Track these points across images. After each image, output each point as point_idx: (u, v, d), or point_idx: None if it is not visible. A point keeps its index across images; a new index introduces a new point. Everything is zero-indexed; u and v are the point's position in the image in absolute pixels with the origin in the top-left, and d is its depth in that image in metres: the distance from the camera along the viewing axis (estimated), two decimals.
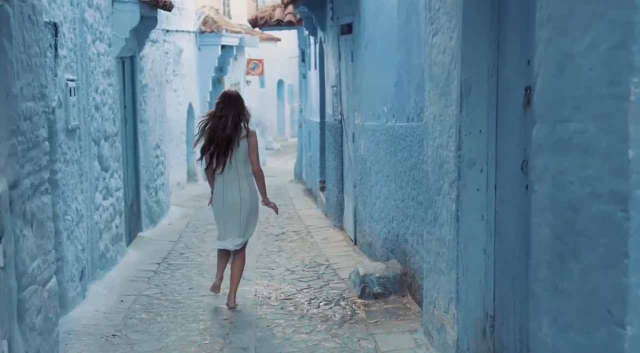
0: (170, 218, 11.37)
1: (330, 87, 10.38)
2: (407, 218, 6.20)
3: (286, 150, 25.47)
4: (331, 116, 10.34)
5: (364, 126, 7.93)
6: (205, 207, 13.22)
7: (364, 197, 8.08)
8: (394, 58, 6.53)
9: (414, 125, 5.94)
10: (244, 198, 6.25)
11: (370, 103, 7.55)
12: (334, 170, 10.21)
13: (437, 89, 4.76)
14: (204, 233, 10.27)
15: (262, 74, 22.32)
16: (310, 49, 13.36)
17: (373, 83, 7.43)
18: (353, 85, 8.54)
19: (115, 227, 8.05)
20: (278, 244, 9.33)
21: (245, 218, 6.32)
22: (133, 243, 9.21)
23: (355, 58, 8.38)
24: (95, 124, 7.30)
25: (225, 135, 6.10)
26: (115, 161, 8.16)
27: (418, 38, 5.76)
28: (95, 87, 7.33)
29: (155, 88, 11.02)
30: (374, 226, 7.58)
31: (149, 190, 10.32)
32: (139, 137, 9.83)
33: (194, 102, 16.73)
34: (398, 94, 6.44)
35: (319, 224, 10.56)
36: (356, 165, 8.47)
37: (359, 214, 8.43)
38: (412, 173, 6.03)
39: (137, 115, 9.79)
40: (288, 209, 12.32)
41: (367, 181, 7.84)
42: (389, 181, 6.84)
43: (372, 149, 7.54)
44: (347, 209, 9.32)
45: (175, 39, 15.24)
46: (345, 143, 9.40)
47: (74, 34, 6.49)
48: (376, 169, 7.37)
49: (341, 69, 9.46)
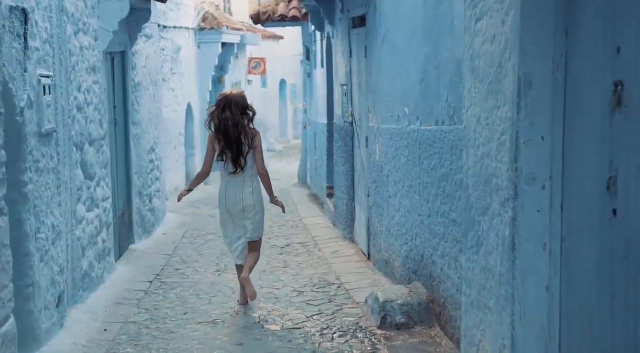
0: (166, 228, 10.48)
1: (339, 87, 9.48)
2: (436, 237, 5.31)
3: (289, 152, 24.57)
4: (340, 118, 9.44)
5: (380, 129, 7.04)
6: (204, 214, 12.37)
7: (379, 208, 7.19)
8: (419, 52, 5.64)
9: (445, 130, 5.04)
10: (246, 197, 6.17)
11: (388, 104, 6.66)
12: (343, 177, 9.32)
13: (483, 85, 3.86)
14: (202, 245, 9.38)
15: (265, 73, 21.42)
16: (316, 46, 12.47)
17: (392, 81, 6.54)
18: (367, 84, 7.65)
19: (101, 241, 7.16)
20: (283, 258, 8.44)
21: (251, 218, 6.24)
22: (124, 257, 8.31)
23: (369, 54, 7.48)
24: (78, 127, 6.41)
25: (236, 135, 6.04)
26: (102, 168, 7.27)
27: (451, 26, 4.87)
28: (78, 85, 6.44)
29: (150, 87, 10.13)
30: (392, 242, 6.69)
31: (142, 198, 9.43)
32: (130, 140, 8.93)
33: (193, 102, 15.84)
34: (424, 93, 5.54)
35: (327, 235, 9.67)
36: (370, 172, 7.58)
37: (373, 227, 7.53)
38: (442, 185, 5.14)
39: (129, 117, 8.90)
40: (293, 217, 11.42)
41: (384, 191, 6.95)
42: (411, 192, 5.95)
43: (390, 155, 6.65)
44: (359, 220, 8.43)
45: (173, 35, 14.35)
46: (357, 147, 8.51)
47: (49, 23, 5.59)
48: (395, 177, 6.48)
49: (352, 67, 8.57)
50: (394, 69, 6.44)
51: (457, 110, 4.79)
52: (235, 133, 6.03)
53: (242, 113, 6.07)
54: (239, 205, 6.18)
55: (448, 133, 4.96)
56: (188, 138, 15.67)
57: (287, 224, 10.78)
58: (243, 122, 6.07)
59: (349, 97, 8.77)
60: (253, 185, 6.20)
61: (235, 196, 6.17)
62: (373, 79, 7.31)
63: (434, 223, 5.35)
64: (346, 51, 8.83)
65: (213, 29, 16.06)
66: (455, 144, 4.81)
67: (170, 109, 14.20)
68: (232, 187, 6.18)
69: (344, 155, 9.26)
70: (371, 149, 7.51)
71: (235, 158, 6.08)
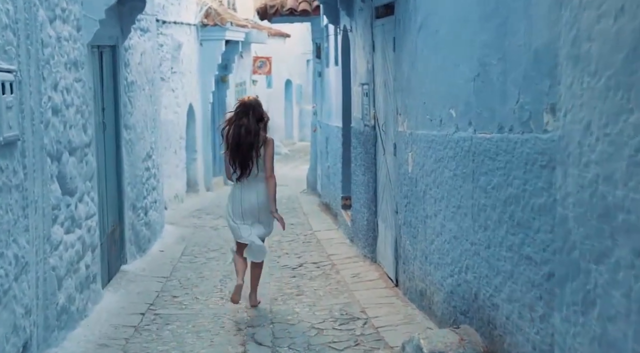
0: (164, 243, 9.31)
1: (358, 86, 8.33)
2: (498, 275, 4.15)
3: (295, 155, 23.41)
4: (360, 121, 8.29)
5: (413, 135, 5.88)
6: (205, 225, 11.20)
7: (412, 229, 6.03)
8: (474, 40, 4.48)
9: (514, 138, 3.88)
10: (260, 203, 6.19)
11: (426, 105, 5.51)
12: (363, 187, 8.16)
13: (598, 79, 2.70)
14: (202, 264, 8.22)
15: (270, 73, 20.28)
16: (328, 41, 11.31)
17: (432, 78, 5.38)
18: (395, 82, 6.49)
19: (84, 267, 6.00)
20: (296, 282, 7.28)
21: (264, 218, 6.26)
22: (113, 281, 7.16)
23: (399, 46, 6.33)
24: (54, 133, 5.26)
25: (247, 142, 6.06)
26: (86, 180, 6.12)
27: (526, 4, 3.71)
28: (54, 82, 5.28)
29: (146, 86, 8.98)
30: (430, 270, 5.53)
31: (136, 211, 8.28)
32: (122, 146, 7.78)
33: (194, 103, 14.69)
34: (480, 92, 4.38)
35: (345, 253, 8.50)
36: (399, 185, 6.42)
37: (403, 249, 6.37)
38: (508, 209, 3.97)
39: (121, 120, 7.74)
40: (304, 230, 10.26)
41: (419, 209, 5.79)
42: (460, 215, 4.78)
43: (427, 166, 5.50)
44: (384, 239, 7.27)
45: (173, 31, 13.21)
46: (380, 155, 7.35)
47: (11, 4, 4.44)
48: (435, 194, 5.32)
49: (375, 63, 7.41)
50: (435, 63, 5.28)
51: (535, 113, 3.63)
52: (247, 140, 6.05)
53: (258, 120, 6.09)
54: (248, 209, 6.18)
55: (519, 143, 3.80)
56: (189, 141, 14.52)
57: (297, 239, 9.62)
58: (258, 129, 6.08)
59: (371, 98, 7.62)
60: (265, 192, 6.17)
61: (246, 203, 6.18)
62: (404, 75, 6.15)
63: (495, 256, 4.18)
64: (368, 45, 7.67)
65: (216, 25, 14.91)
66: (532, 157, 3.65)
67: (170, 111, 13.05)
68: (244, 192, 6.18)
69: (363, 163, 8.11)
70: (401, 157, 6.36)
71: (242, 164, 6.09)
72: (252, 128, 6.04)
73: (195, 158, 14.84)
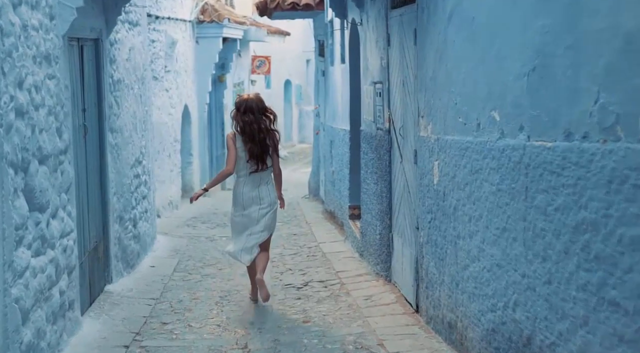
0: (155, 256, 8.43)
1: (369, 85, 7.46)
2: (564, 319, 3.28)
3: (294, 158, 22.56)
4: (371, 124, 7.43)
5: (440, 141, 5.02)
6: (201, 235, 10.31)
7: (438, 249, 5.16)
8: (528, 26, 3.61)
9: (590, 149, 3.01)
10: (263, 195, 6.31)
11: (458, 106, 4.64)
12: (375, 198, 7.30)
13: None
14: (197, 282, 7.34)
15: (269, 73, 19.40)
16: (333, 38, 10.45)
17: (467, 73, 4.51)
18: (417, 80, 5.63)
19: (58, 293, 5.12)
20: (302, 306, 6.40)
21: (265, 214, 6.32)
22: (95, 305, 6.29)
23: (422, 39, 5.47)
24: (18, 139, 4.38)
25: (262, 138, 6.20)
26: (61, 192, 5.25)
27: None
28: (18, 79, 4.40)
29: (135, 85, 8.11)
30: (462, 300, 4.66)
31: (123, 223, 7.40)
32: (107, 152, 6.90)
33: (190, 104, 13.82)
34: (539, 90, 3.51)
35: (354, 269, 7.63)
36: (422, 198, 5.56)
37: (426, 271, 5.51)
38: (581, 238, 3.10)
39: (105, 122, 6.87)
40: (308, 241, 9.40)
41: (448, 227, 4.92)
42: (506, 239, 3.92)
43: (460, 178, 4.63)
44: (401, 256, 6.41)
45: (167, 27, 12.34)
46: (396, 162, 6.49)
47: None
48: (470, 211, 4.46)
49: (391, 59, 6.55)
50: (471, 57, 4.41)
51: (626, 116, 2.77)
52: (260, 135, 6.17)
53: (262, 115, 6.21)
54: (255, 201, 6.28)
55: (599, 155, 2.93)
56: (185, 144, 13.64)
57: (301, 251, 8.75)
58: (265, 123, 6.22)
59: (385, 98, 6.76)
60: (269, 184, 6.37)
61: (252, 192, 6.28)
62: (428, 72, 5.29)
63: (559, 295, 3.31)
64: (382, 39, 6.81)
65: (213, 21, 14.05)
66: (620, 174, 2.79)
67: (164, 112, 12.18)
68: (250, 185, 6.30)
69: (376, 170, 7.24)
70: (423, 167, 5.49)
71: (259, 158, 6.21)
72: (259, 123, 6.16)
73: (190, 162, 13.97)
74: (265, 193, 6.30)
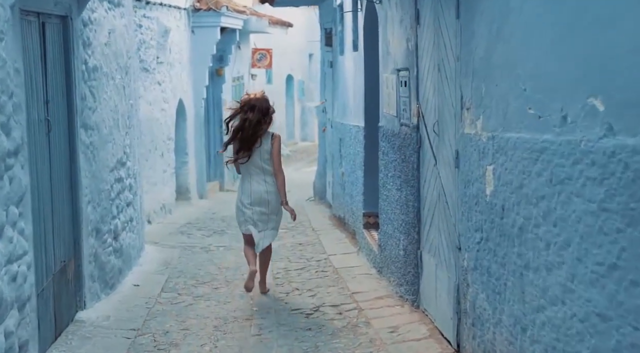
0: (141, 272, 7.22)
1: (391, 73, 6.25)
2: None
3: (296, 157, 21.38)
4: (393, 119, 6.22)
5: (498, 140, 3.81)
6: (195, 245, 9.03)
7: (493, 279, 3.95)
8: None
9: None
10: (269, 195, 6.21)
11: (528, 92, 3.42)
12: (398, 206, 6.10)
13: None
14: (188, 306, 6.13)
15: (270, 66, 18.15)
16: (343, 23, 9.24)
17: (544, 48, 3.28)
18: (461, 63, 4.41)
19: (3, 336, 3.93)
20: (313, 339, 5.18)
21: (270, 212, 6.26)
22: (62, 339, 5.08)
23: (469, 9, 4.25)
24: None
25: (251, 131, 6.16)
26: (9, 205, 4.05)
27: None
28: None
29: (117, 75, 6.89)
30: (532, 351, 3.44)
31: (100, 236, 6.19)
32: (79, 153, 5.69)
33: (185, 99, 12.60)
34: None
35: (372, 290, 6.41)
36: (468, 211, 4.35)
37: (473, 303, 4.30)
38: None
39: (76, 117, 5.66)
40: (315, 253, 8.19)
41: (509, 252, 3.71)
42: (618, 279, 2.70)
43: (530, 189, 3.42)
44: (434, 280, 5.20)
45: (159, 14, 11.12)
46: (428, 165, 5.28)
47: None
48: (547, 235, 3.24)
49: (421, 40, 5.34)
50: (553, 24, 3.19)
51: None
52: (249, 132, 6.14)
53: (264, 115, 6.17)
54: (257, 200, 6.21)
55: None
56: (179, 143, 12.42)
57: (309, 266, 7.54)
58: (263, 121, 6.17)
59: (413, 88, 5.55)
60: (272, 185, 6.25)
61: (254, 193, 6.22)
62: (478, 51, 4.08)
63: None
64: (408, 17, 5.61)
65: (210, 9, 12.84)
66: None
67: (156, 107, 10.97)
68: (253, 184, 6.23)
69: (399, 174, 6.04)
70: (469, 172, 4.28)
71: (245, 151, 6.18)
72: (254, 119, 6.12)
73: (186, 161, 12.75)
74: (268, 195, 6.21)
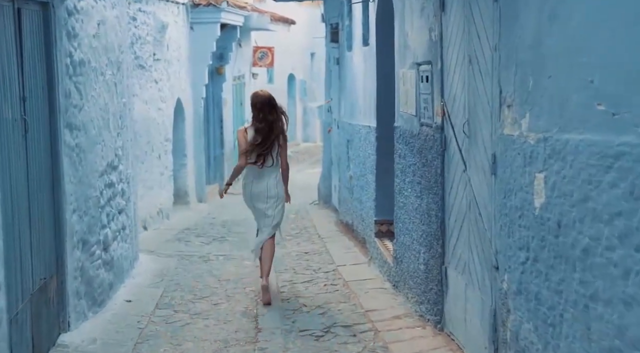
0: (134, 285, 6.58)
1: (410, 68, 5.62)
2: None
3: (298, 158, 20.71)
4: (412, 118, 5.58)
5: (552, 143, 3.17)
6: (194, 254, 8.39)
7: (545, 309, 3.31)
8: None
9: None
10: (270, 189, 6.28)
11: (596, 84, 2.78)
12: (418, 215, 5.46)
13: None
14: (185, 325, 5.49)
15: (272, 65, 17.51)
16: (352, 16, 8.60)
17: (617, 31, 2.65)
18: (500, 53, 3.77)
19: None
20: None
21: (273, 206, 6.30)
22: None
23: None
24: None
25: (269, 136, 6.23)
26: None
27: None
28: None
29: (107, 71, 6.25)
30: None
31: (87, 248, 5.54)
32: (62, 156, 5.06)
33: (184, 98, 11.95)
34: None
35: (389, 307, 5.77)
36: (509, 224, 3.71)
37: (516, 334, 3.65)
38: None
39: (59, 117, 5.02)
40: (323, 263, 7.55)
41: (569, 277, 3.07)
42: None
43: (597, 203, 2.78)
44: (464, 301, 4.56)
45: (156, 9, 10.49)
46: (458, 171, 4.64)
47: None
48: (627, 261, 2.61)
49: (446, 29, 4.71)
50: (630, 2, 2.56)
51: None
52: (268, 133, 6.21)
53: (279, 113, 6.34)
54: (262, 195, 6.28)
55: None
56: (177, 144, 11.77)
57: (317, 278, 6.91)
58: (282, 120, 6.34)
59: (437, 83, 4.92)
60: (277, 179, 6.33)
61: (260, 187, 6.28)
62: (525, 39, 3.44)
63: None
64: (431, 4, 4.97)
65: (210, 4, 12.19)
66: None
67: (153, 107, 10.33)
68: (257, 179, 6.29)
69: (419, 180, 5.40)
70: (511, 180, 3.64)
71: (263, 154, 6.23)
72: (271, 121, 6.22)
73: (184, 163, 12.10)
74: (273, 188, 6.29)
